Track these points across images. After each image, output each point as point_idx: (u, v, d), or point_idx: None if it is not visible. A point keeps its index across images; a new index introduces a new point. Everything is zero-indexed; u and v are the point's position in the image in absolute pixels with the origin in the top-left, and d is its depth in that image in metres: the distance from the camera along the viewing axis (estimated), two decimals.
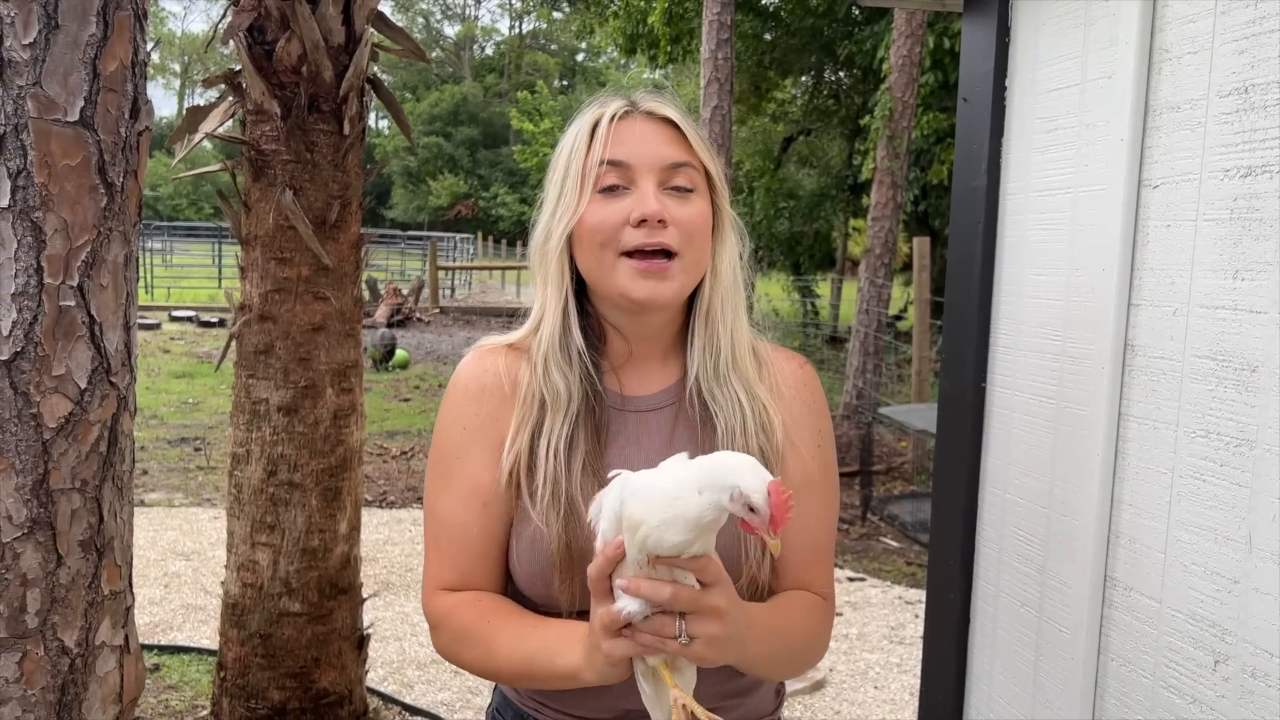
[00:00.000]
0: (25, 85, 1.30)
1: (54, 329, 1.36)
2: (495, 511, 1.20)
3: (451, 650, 1.23)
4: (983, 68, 1.63)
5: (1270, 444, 1.11)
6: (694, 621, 0.99)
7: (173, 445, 7.91)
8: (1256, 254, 1.13)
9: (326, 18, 2.93)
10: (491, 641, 1.16)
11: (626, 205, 1.14)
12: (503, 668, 1.16)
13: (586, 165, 1.16)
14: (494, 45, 66.98)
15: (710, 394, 1.21)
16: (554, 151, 1.23)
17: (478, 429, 1.22)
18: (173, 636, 4.31)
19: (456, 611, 1.20)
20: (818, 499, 1.24)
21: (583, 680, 1.08)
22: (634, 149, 1.15)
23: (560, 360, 1.19)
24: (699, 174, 1.19)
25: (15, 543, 1.35)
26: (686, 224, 1.15)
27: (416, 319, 16.37)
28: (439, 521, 1.23)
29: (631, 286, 1.14)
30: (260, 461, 3.07)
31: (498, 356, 1.25)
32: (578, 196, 1.16)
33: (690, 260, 1.17)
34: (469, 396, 1.23)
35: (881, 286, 9.03)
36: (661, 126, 1.18)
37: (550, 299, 1.21)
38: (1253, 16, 1.14)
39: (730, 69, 8.14)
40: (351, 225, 3.13)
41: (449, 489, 1.22)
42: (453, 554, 1.21)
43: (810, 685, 3.98)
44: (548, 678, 1.12)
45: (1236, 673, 1.15)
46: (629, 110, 1.18)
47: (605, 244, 1.15)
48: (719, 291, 1.22)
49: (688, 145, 1.18)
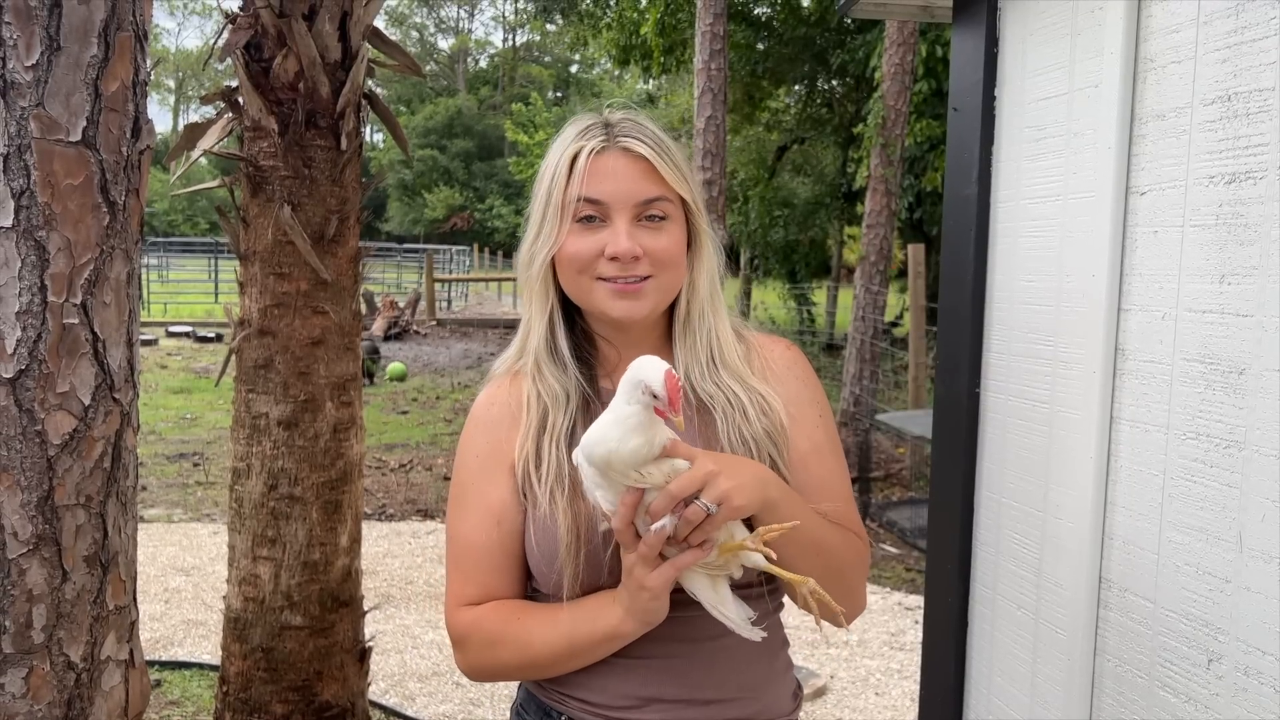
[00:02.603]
0: (28, 106, 1.32)
1: (58, 346, 1.37)
2: (509, 527, 1.27)
3: (484, 659, 1.27)
4: (972, 77, 1.65)
5: (1259, 445, 1.12)
6: (706, 493, 1.07)
7: (171, 460, 7.91)
8: (1242, 258, 1.15)
9: (323, 34, 2.95)
10: (526, 633, 1.23)
11: (603, 238, 1.24)
12: (542, 653, 1.22)
13: (565, 198, 1.25)
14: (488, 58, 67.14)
15: (704, 389, 1.29)
16: (539, 170, 1.31)
17: (488, 455, 1.30)
18: (174, 652, 4.30)
19: (483, 620, 1.27)
20: (828, 460, 1.32)
21: (624, 633, 1.17)
22: (610, 187, 1.24)
23: (552, 367, 1.29)
24: (673, 203, 1.27)
25: (21, 559, 1.36)
26: (659, 253, 1.25)
27: (413, 331, 16.37)
28: (458, 545, 1.31)
29: (609, 306, 1.25)
30: (261, 476, 3.08)
31: (503, 386, 1.34)
32: (557, 227, 1.26)
33: (664, 281, 1.27)
34: (480, 428, 1.33)
35: (877, 293, 9.05)
36: (636, 161, 1.25)
37: (535, 315, 1.32)
38: (1234, 26, 1.16)
39: (724, 79, 8.18)
40: (349, 239, 3.14)
41: (466, 514, 1.30)
42: (473, 572, 1.29)
43: (812, 692, 3.98)
44: (590, 645, 1.19)
45: (1230, 671, 1.17)
46: (605, 145, 1.25)
47: (582, 271, 1.25)
48: (697, 302, 1.32)
49: (661, 180, 1.25)
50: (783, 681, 1.31)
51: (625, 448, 1.07)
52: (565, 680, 1.27)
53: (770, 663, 1.29)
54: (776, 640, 1.31)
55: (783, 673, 1.32)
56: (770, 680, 1.29)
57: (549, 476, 1.23)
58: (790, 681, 1.34)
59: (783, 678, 1.31)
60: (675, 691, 1.21)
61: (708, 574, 1.16)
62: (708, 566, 1.15)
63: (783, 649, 1.34)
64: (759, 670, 1.27)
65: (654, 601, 1.13)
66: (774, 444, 1.27)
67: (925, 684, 1.81)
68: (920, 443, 6.70)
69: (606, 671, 1.24)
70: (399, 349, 14.64)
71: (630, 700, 1.23)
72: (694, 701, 1.22)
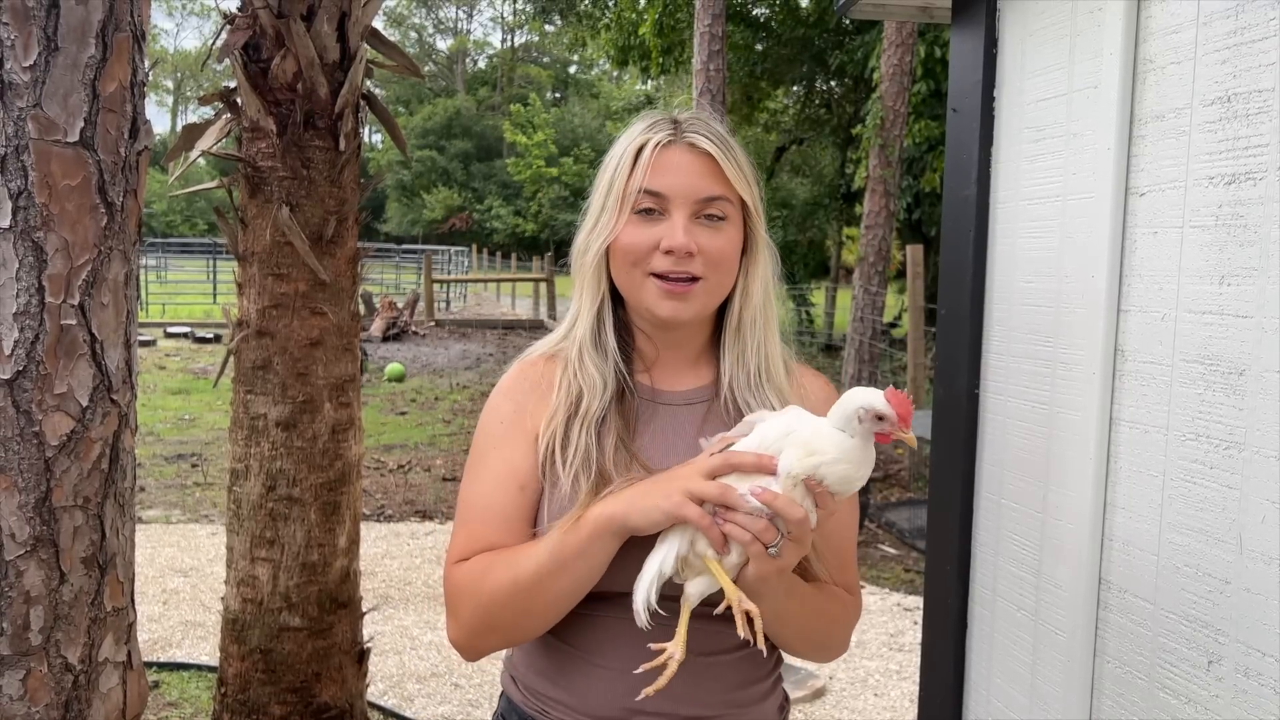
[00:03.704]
0: (26, 107, 1.32)
1: (56, 348, 1.37)
2: (529, 495, 1.26)
3: (472, 603, 1.23)
4: (971, 78, 1.65)
5: (1259, 446, 1.12)
6: (789, 544, 1.07)
7: (169, 462, 7.90)
8: (1242, 259, 1.15)
9: (321, 35, 2.95)
10: (513, 556, 1.20)
11: (659, 231, 1.23)
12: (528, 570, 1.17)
13: (627, 189, 1.24)
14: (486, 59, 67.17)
15: (744, 401, 1.28)
16: (602, 162, 1.31)
17: (514, 422, 1.29)
18: (172, 653, 4.30)
19: (474, 561, 1.24)
20: (846, 507, 1.29)
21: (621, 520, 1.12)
22: (672, 181, 1.23)
23: (594, 355, 1.29)
24: (733, 205, 1.27)
25: (18, 560, 1.36)
26: (714, 253, 1.24)
27: (412, 332, 16.37)
28: (469, 504, 1.28)
29: (656, 305, 1.24)
30: (259, 476, 3.08)
31: (535, 365, 1.34)
32: (616, 216, 1.25)
33: (714, 284, 1.26)
34: (506, 396, 1.32)
35: (876, 294, 9.05)
36: (701, 158, 1.25)
37: (585, 303, 1.31)
38: (1234, 27, 1.16)
39: (722, 80, 8.19)
40: (348, 240, 3.14)
41: (483, 474, 1.28)
42: (482, 530, 1.26)
43: (810, 693, 3.98)
44: (583, 549, 1.14)
45: (1230, 672, 1.16)
46: (672, 139, 1.25)
47: (635, 263, 1.25)
48: (750, 309, 1.31)
49: (724, 179, 1.25)
50: (770, 698, 1.31)
51: (836, 473, 1.07)
52: (548, 683, 1.26)
53: (758, 684, 1.28)
54: (769, 661, 1.30)
55: (770, 690, 1.31)
56: (756, 699, 1.28)
57: (575, 460, 1.22)
58: (778, 696, 1.33)
59: (770, 695, 1.31)
60: (658, 704, 1.19)
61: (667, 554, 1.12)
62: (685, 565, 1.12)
63: (775, 668, 1.33)
64: (746, 690, 1.26)
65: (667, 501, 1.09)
66: None
67: (924, 685, 1.81)
68: (919, 443, 6.69)
69: (590, 678, 1.22)
70: (397, 350, 14.62)
71: (614, 711, 1.21)
72: (675, 715, 1.21)
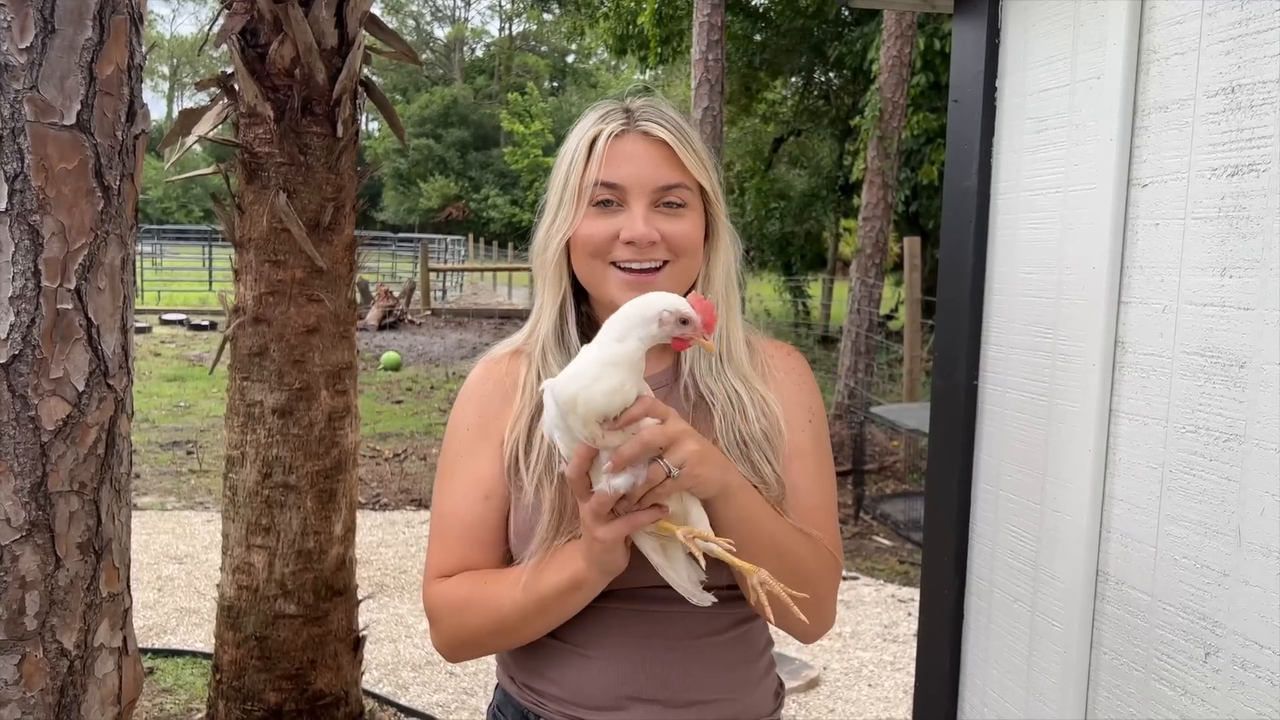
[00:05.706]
0: (22, 89, 1.31)
1: (52, 332, 1.36)
2: (496, 503, 1.26)
3: (455, 627, 1.25)
4: (973, 69, 1.64)
5: (1259, 439, 1.12)
6: (671, 452, 1.05)
7: (165, 449, 7.89)
8: (1244, 251, 1.15)
9: (319, 20, 2.94)
10: (494, 595, 1.21)
11: (619, 222, 1.22)
12: (511, 612, 1.20)
13: (583, 182, 1.23)
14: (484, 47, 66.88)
15: (705, 386, 1.27)
16: (557, 155, 1.29)
17: (479, 429, 1.29)
18: (167, 640, 4.30)
19: (453, 587, 1.25)
20: (810, 467, 1.30)
21: (589, 581, 1.14)
22: (627, 171, 1.22)
23: (557, 352, 1.27)
24: (692, 191, 1.25)
25: (14, 545, 1.35)
26: (677, 238, 1.23)
27: (408, 321, 16.34)
28: (442, 516, 1.29)
29: (620, 295, 1.21)
30: (255, 464, 3.07)
31: (500, 364, 1.33)
32: (573, 210, 1.24)
33: (678, 270, 1.24)
34: (472, 402, 1.31)
35: (873, 286, 9.05)
36: (656, 146, 1.23)
37: (548, 300, 1.29)
38: (1239, 18, 1.15)
39: (721, 70, 8.16)
40: (345, 227, 3.13)
41: (453, 485, 1.29)
42: (455, 544, 1.27)
43: (805, 683, 3.99)
44: (557, 595, 1.16)
45: (1227, 664, 1.17)
46: (625, 128, 1.23)
47: (596, 254, 1.24)
48: (711, 296, 1.28)
49: (681, 166, 1.24)
50: (764, 682, 1.30)
51: (600, 392, 1.02)
52: (541, 678, 1.25)
53: (752, 665, 1.28)
54: (760, 641, 1.30)
55: (764, 674, 1.31)
56: (751, 682, 1.27)
57: (537, 465, 1.21)
58: (772, 681, 1.33)
59: (764, 679, 1.30)
60: (653, 691, 1.19)
61: (656, 538, 1.12)
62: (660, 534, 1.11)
63: (766, 649, 1.33)
64: (740, 672, 1.26)
65: (607, 554, 1.10)
66: (771, 446, 1.25)
67: (920, 676, 1.81)
68: (915, 436, 6.70)
69: (582, 670, 1.22)
70: (394, 338, 14.60)
71: (607, 699, 1.21)
72: (672, 703, 1.20)
